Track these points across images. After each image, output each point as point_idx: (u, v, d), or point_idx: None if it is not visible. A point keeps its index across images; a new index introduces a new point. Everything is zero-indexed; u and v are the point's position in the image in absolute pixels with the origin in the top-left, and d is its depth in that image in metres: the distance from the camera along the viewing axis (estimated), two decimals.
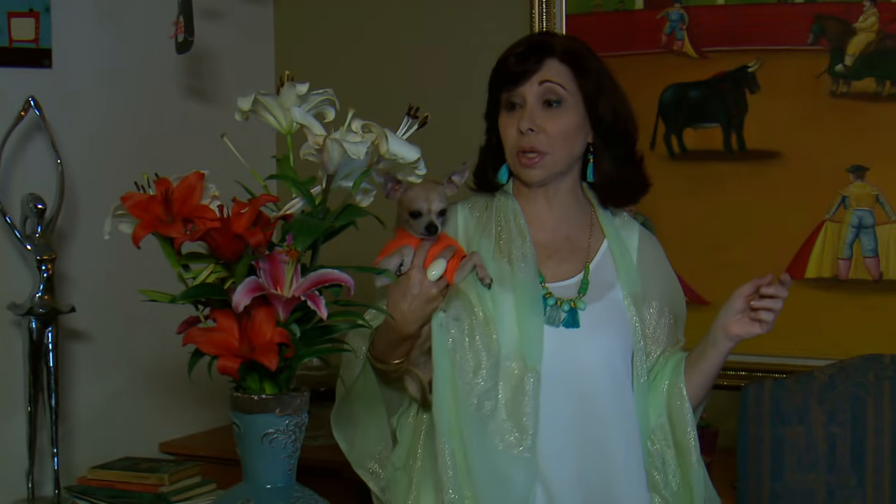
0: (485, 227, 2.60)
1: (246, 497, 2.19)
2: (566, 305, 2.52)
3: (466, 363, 2.47)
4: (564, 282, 2.57)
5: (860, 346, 3.27)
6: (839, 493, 2.92)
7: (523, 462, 2.44)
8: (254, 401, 2.16)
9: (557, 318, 2.51)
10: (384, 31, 4.08)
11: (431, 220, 2.44)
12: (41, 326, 3.25)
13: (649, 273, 2.62)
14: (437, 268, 2.45)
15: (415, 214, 2.45)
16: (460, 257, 2.50)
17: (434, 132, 2.42)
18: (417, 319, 2.46)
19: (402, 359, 2.51)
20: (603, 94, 2.57)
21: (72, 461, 3.47)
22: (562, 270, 2.58)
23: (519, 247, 2.55)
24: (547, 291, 2.53)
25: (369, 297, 2.35)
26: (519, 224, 2.58)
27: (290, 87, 2.23)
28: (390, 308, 2.44)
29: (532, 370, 2.46)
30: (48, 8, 3.40)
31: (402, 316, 2.44)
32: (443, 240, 2.50)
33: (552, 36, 2.71)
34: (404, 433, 2.61)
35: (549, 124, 2.53)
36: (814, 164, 3.50)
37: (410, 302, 2.44)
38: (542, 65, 2.54)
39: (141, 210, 2.13)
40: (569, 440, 2.48)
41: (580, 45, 2.60)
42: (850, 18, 3.44)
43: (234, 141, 2.31)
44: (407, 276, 2.45)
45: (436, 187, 2.46)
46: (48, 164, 3.35)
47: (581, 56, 2.57)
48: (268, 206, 2.18)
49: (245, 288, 2.07)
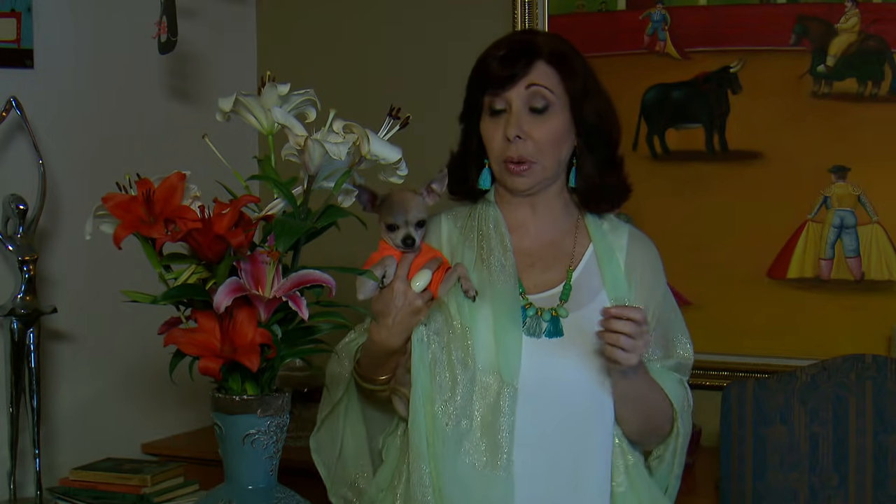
0: (467, 236, 2.54)
1: (228, 498, 2.19)
2: (547, 314, 2.45)
3: (444, 379, 2.41)
4: (547, 292, 2.50)
5: (842, 346, 3.28)
6: (821, 492, 2.92)
7: (498, 482, 2.38)
8: (235, 402, 2.16)
9: (539, 328, 2.44)
10: (366, 31, 4.08)
11: (409, 232, 2.39)
12: (23, 327, 3.24)
13: (637, 276, 2.54)
14: (422, 279, 2.39)
15: (391, 227, 2.40)
16: (445, 269, 2.45)
17: (415, 133, 2.41)
18: (402, 332, 2.40)
19: (389, 375, 2.46)
20: (589, 97, 2.50)
21: (54, 462, 3.46)
22: (545, 280, 2.52)
23: (499, 257, 2.48)
24: (527, 302, 2.47)
25: (351, 298, 2.33)
26: (500, 232, 2.52)
27: (271, 87, 2.23)
28: (373, 322, 2.40)
29: (508, 385, 2.39)
30: (30, 8, 3.39)
31: (386, 329, 2.39)
32: (427, 252, 2.45)
33: (536, 35, 2.63)
34: (390, 453, 2.56)
35: (536, 131, 2.45)
36: (796, 164, 3.51)
37: (395, 314, 2.38)
38: (530, 68, 2.46)
39: (122, 210, 2.12)
40: (540, 455, 2.41)
41: (566, 45, 2.53)
42: (831, 19, 3.45)
43: (215, 141, 2.31)
44: (390, 289, 2.39)
45: (413, 198, 2.41)
46: (30, 164, 3.34)
47: (568, 57, 2.50)
48: (249, 206, 2.18)
49: (226, 289, 2.06)
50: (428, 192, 2.44)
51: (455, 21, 3.91)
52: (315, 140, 2.12)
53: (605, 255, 2.53)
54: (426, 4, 3.98)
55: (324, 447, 2.60)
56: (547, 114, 2.46)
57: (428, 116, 2.51)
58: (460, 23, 3.89)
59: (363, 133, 2.19)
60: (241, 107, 2.25)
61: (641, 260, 2.56)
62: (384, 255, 2.43)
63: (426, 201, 2.43)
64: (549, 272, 2.52)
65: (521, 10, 3.76)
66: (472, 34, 3.79)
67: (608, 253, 2.53)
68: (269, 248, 2.13)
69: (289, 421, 2.24)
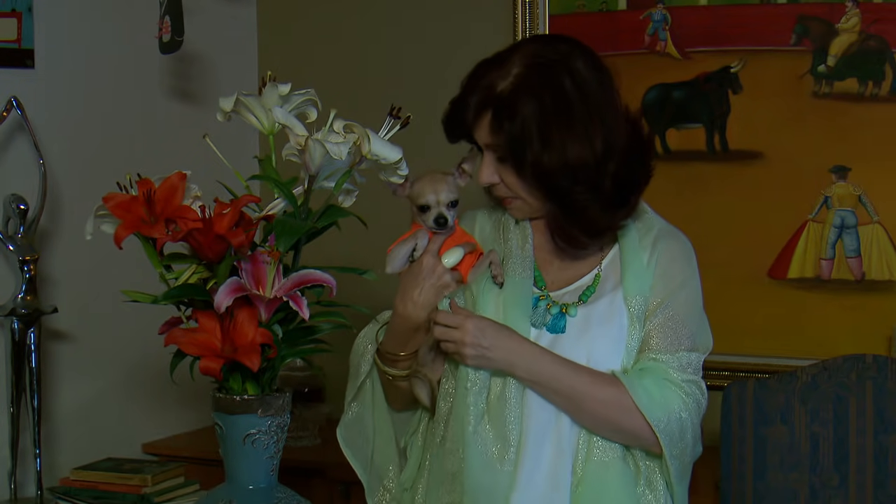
0: (498, 231, 2.53)
1: (228, 498, 2.19)
2: (555, 309, 2.43)
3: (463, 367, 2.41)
4: (565, 288, 2.47)
5: (843, 346, 3.28)
6: (822, 492, 2.92)
7: (505, 476, 2.38)
8: (236, 401, 2.17)
9: (542, 320, 2.43)
10: (366, 31, 4.08)
11: (440, 211, 2.38)
12: (24, 327, 3.24)
13: (656, 267, 2.47)
14: (453, 255, 2.38)
15: (423, 208, 2.39)
16: (478, 255, 2.43)
17: (416, 132, 2.41)
18: (426, 307, 2.39)
19: (411, 353, 2.44)
20: (522, 148, 2.35)
21: (54, 462, 3.46)
22: (563, 276, 2.49)
23: (517, 248, 2.47)
24: (542, 295, 2.45)
25: (352, 297, 2.33)
26: (523, 226, 2.50)
27: (272, 87, 2.23)
28: (401, 294, 2.40)
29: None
30: (30, 8, 3.39)
31: (412, 303, 2.39)
32: (462, 235, 2.44)
33: (497, 71, 2.39)
34: (413, 453, 2.55)
35: (504, 174, 2.40)
36: (796, 164, 3.50)
37: (421, 288, 2.39)
38: (478, 120, 2.39)
39: (123, 210, 2.13)
40: (544, 448, 2.40)
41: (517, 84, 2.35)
42: (832, 19, 3.45)
43: (216, 141, 2.31)
44: (419, 262, 2.39)
45: (444, 178, 2.40)
46: (30, 164, 3.34)
47: (505, 103, 2.35)
48: (250, 206, 2.18)
49: (227, 288, 2.07)
50: (460, 172, 2.43)
51: (455, 21, 3.91)
52: (316, 140, 2.13)
53: (630, 253, 2.47)
54: (426, 4, 3.98)
55: (355, 442, 2.58)
56: (505, 161, 2.39)
57: (428, 116, 2.50)
58: (461, 22, 3.89)
59: (364, 133, 2.19)
60: (242, 106, 2.25)
61: (663, 251, 2.49)
62: (416, 230, 2.42)
63: (458, 182, 2.42)
64: (568, 269, 2.50)
65: (522, 10, 3.76)
66: (472, 34, 3.80)
67: (633, 251, 2.47)
68: (269, 248, 2.13)
69: (289, 421, 2.24)
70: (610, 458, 2.42)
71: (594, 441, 2.41)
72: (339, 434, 2.57)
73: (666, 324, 2.45)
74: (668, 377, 2.43)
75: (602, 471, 2.41)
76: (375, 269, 2.36)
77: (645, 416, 2.37)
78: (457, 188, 2.41)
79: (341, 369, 2.63)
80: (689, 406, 2.43)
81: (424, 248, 2.40)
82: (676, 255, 2.51)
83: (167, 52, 3.48)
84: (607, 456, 2.42)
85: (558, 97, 2.36)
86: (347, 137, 2.19)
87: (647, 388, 2.39)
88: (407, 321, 2.41)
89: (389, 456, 2.58)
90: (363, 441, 2.58)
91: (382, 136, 2.27)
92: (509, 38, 3.67)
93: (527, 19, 3.76)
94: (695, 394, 2.46)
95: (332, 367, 3.51)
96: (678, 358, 2.45)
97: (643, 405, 2.37)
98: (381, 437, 2.58)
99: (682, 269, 2.50)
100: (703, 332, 2.51)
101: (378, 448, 2.58)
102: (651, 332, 2.44)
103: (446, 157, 2.57)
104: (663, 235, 2.52)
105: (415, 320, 2.41)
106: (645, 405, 2.37)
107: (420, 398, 2.47)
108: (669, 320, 2.45)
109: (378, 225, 2.47)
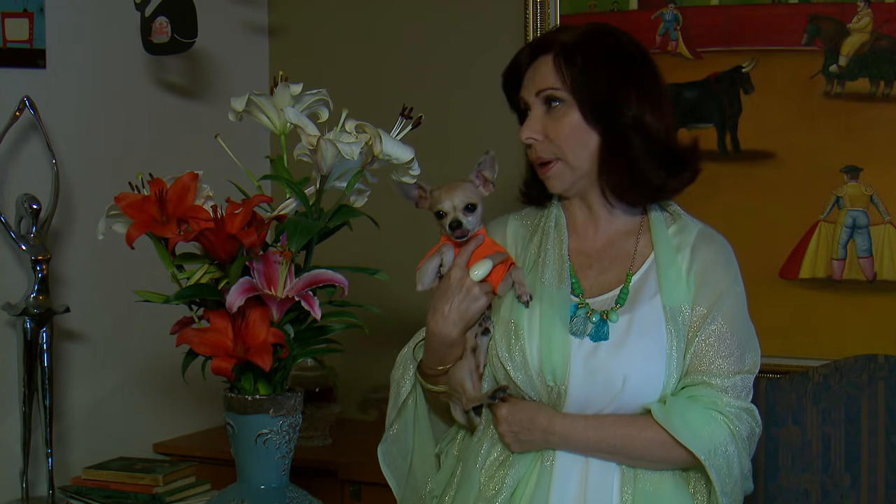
0: (531, 238, 2.50)
1: (240, 497, 2.19)
2: (596, 316, 2.38)
3: (500, 378, 2.39)
4: (604, 295, 2.42)
5: (854, 346, 3.27)
6: (834, 493, 2.92)
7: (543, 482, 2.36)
8: (248, 401, 2.17)
9: (584, 329, 2.37)
10: (378, 31, 4.08)
11: (456, 216, 2.34)
12: (36, 327, 3.24)
13: (696, 276, 2.42)
14: (482, 268, 2.36)
15: (440, 215, 2.37)
16: (509, 265, 2.40)
17: (428, 132, 2.41)
18: (458, 322, 2.37)
19: (448, 366, 2.42)
20: (591, 82, 2.38)
21: (66, 461, 3.46)
22: (601, 282, 2.44)
23: (553, 256, 2.43)
24: (580, 302, 2.40)
25: (363, 297, 2.33)
26: (560, 232, 2.47)
27: (283, 87, 2.24)
28: (432, 311, 2.38)
29: (555, 388, 2.35)
30: (42, 8, 3.39)
31: (442, 318, 2.37)
32: (492, 246, 2.41)
33: (557, 31, 2.52)
34: (447, 462, 2.54)
35: (551, 129, 2.40)
36: (808, 164, 3.50)
37: (451, 303, 2.36)
38: (534, 63, 2.42)
39: (135, 210, 2.13)
40: (581, 461, 2.37)
41: (580, 35, 2.43)
42: (844, 19, 3.44)
43: (227, 141, 2.32)
44: (447, 276, 2.37)
45: (460, 184, 2.37)
46: (43, 164, 3.35)
47: (571, 47, 2.40)
48: (262, 206, 2.19)
49: (239, 288, 2.07)
50: (482, 181, 2.40)
51: (467, 20, 3.91)
52: (327, 140, 2.13)
53: (667, 257, 2.42)
54: (436, 3, 3.98)
55: (394, 460, 2.56)
56: (561, 107, 2.40)
57: (439, 116, 2.51)
58: (472, 22, 3.89)
59: (375, 133, 2.19)
60: (254, 107, 2.26)
61: (703, 259, 2.43)
62: (442, 244, 2.41)
63: (479, 189, 2.39)
64: (606, 274, 2.46)
65: (533, 9, 3.75)
66: (482, 33, 3.80)
67: (670, 255, 2.42)
68: (281, 248, 2.14)
69: (301, 421, 2.25)
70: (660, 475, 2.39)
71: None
72: (379, 452, 2.54)
73: (714, 339, 2.39)
74: (717, 407, 2.36)
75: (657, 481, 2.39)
76: (387, 269, 2.35)
77: (690, 450, 2.32)
78: (476, 193, 2.38)
79: (353, 369, 2.63)
80: (737, 437, 2.36)
81: (452, 262, 2.38)
82: (716, 261, 2.46)
83: (168, 52, 3.47)
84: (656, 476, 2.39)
85: (621, 52, 2.45)
86: (359, 137, 2.19)
87: (690, 423, 2.33)
88: (440, 338, 2.39)
89: (427, 471, 2.58)
90: (402, 460, 2.57)
91: (394, 136, 2.27)
92: (520, 37, 3.67)
93: (538, 19, 3.75)
94: (748, 423, 2.39)
95: (344, 367, 3.52)
96: (731, 382, 2.38)
97: (686, 440, 2.31)
98: (419, 454, 2.57)
99: (723, 275, 2.46)
100: (752, 342, 2.47)
101: (416, 464, 2.57)
102: (699, 349, 2.38)
103: (459, 155, 2.58)
104: (700, 240, 2.47)
105: (448, 337, 2.38)
106: (687, 440, 2.31)
107: (457, 417, 2.46)
108: (716, 335, 2.39)
109: (390, 225, 2.47)
